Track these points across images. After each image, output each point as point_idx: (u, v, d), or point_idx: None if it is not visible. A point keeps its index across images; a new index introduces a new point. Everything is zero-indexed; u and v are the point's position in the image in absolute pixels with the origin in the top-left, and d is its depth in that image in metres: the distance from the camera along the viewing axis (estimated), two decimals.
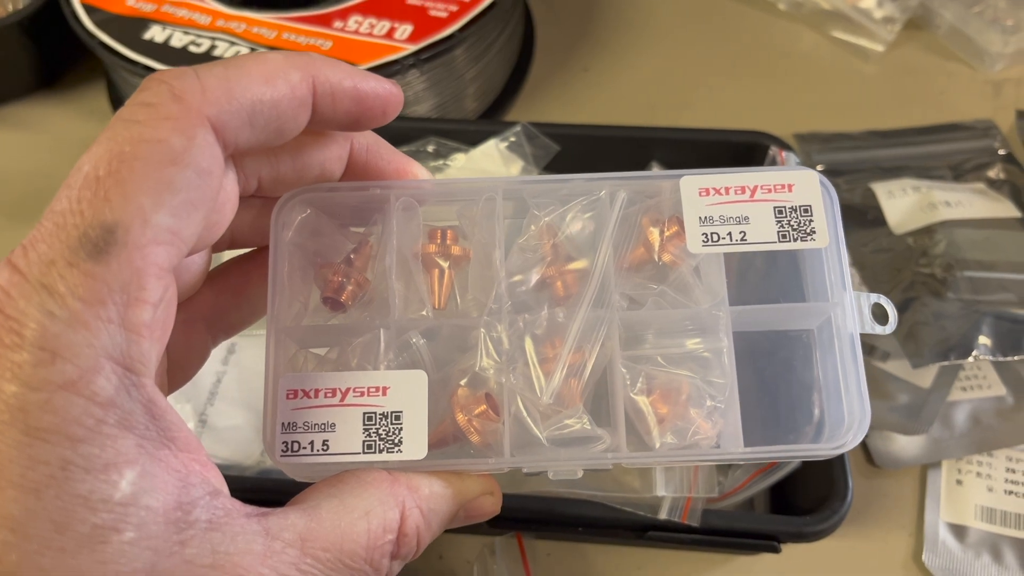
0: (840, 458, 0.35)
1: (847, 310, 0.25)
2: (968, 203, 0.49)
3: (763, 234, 0.25)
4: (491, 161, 0.47)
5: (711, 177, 0.26)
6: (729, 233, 0.25)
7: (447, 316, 0.26)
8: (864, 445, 0.43)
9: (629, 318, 0.26)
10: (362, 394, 0.24)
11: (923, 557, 0.39)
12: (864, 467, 0.42)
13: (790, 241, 0.25)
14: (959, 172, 0.52)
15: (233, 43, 0.49)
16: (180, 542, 0.18)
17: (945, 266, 0.46)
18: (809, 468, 0.36)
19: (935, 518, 0.40)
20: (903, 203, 0.49)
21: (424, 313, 0.26)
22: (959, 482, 0.41)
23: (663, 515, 0.33)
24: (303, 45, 0.49)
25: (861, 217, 0.49)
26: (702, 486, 0.34)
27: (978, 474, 0.41)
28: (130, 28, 0.50)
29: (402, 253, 0.26)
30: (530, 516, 0.35)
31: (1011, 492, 0.41)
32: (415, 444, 0.23)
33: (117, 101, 0.57)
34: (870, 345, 0.45)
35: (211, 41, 0.49)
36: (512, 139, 0.46)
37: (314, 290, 0.26)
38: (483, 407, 0.25)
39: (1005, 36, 0.56)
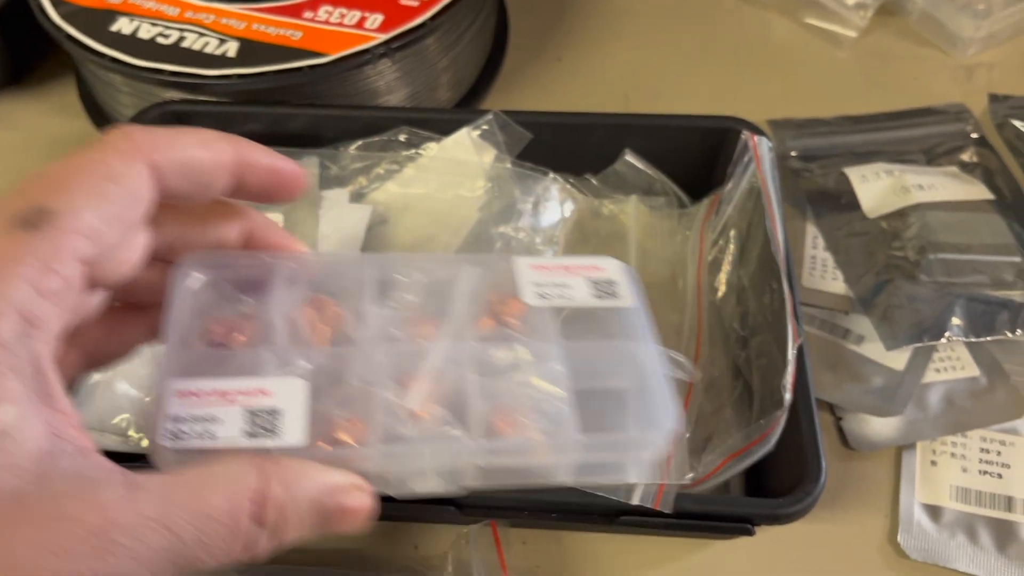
0: (814, 441, 0.35)
1: (652, 351, 0.31)
2: (941, 186, 0.49)
3: (582, 296, 0.32)
4: (463, 150, 0.46)
5: (538, 259, 0.33)
6: (557, 293, 0.32)
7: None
8: (839, 427, 0.43)
9: (482, 349, 0.31)
10: (246, 395, 0.26)
11: (898, 538, 0.39)
12: (839, 450, 0.42)
13: (603, 300, 0.32)
14: (932, 156, 0.52)
15: (202, 34, 0.48)
16: (46, 476, 0.20)
17: (918, 249, 0.46)
18: (783, 452, 0.36)
19: (910, 499, 0.40)
20: (876, 187, 0.49)
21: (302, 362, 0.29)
22: (934, 463, 0.41)
23: (635, 501, 0.33)
24: (273, 36, 0.48)
25: (835, 202, 0.50)
26: (674, 473, 0.34)
27: (952, 455, 0.41)
28: (97, 20, 0.49)
29: (284, 315, 0.30)
30: (503, 504, 0.34)
31: (985, 472, 0.41)
32: (294, 434, 0.25)
33: (87, 96, 0.57)
34: (845, 328, 0.45)
35: (179, 32, 0.49)
36: (484, 127, 0.46)
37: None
38: (352, 418, 0.28)
39: (977, 21, 0.56)
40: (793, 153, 0.52)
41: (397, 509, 0.35)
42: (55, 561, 0.19)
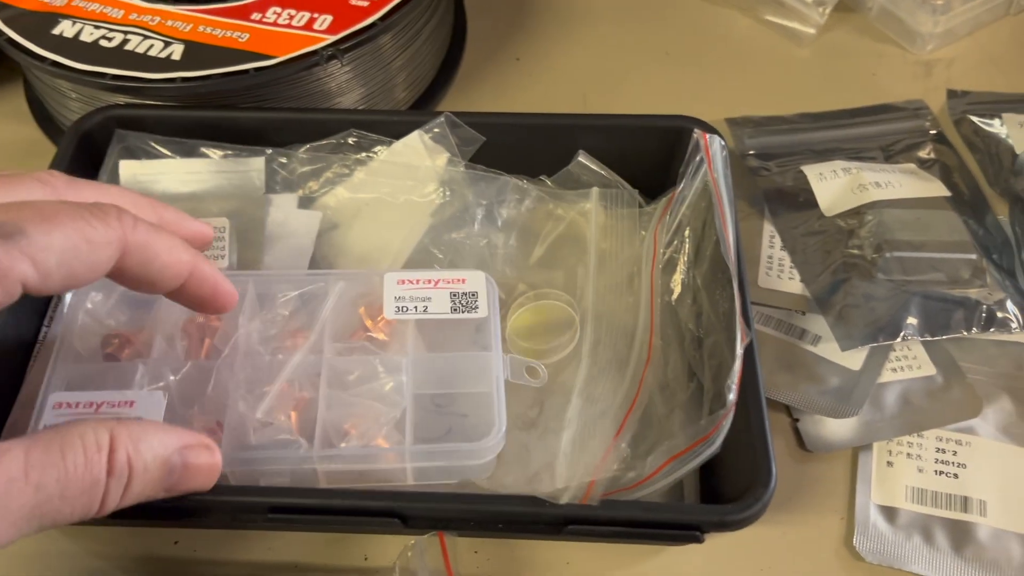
0: (764, 444, 0.34)
1: (496, 361, 0.37)
2: (898, 183, 0.48)
3: (440, 308, 0.38)
4: (415, 153, 0.45)
5: (407, 273, 0.39)
6: (415, 307, 0.38)
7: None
8: (795, 429, 0.42)
9: (335, 362, 0.36)
10: (112, 406, 0.32)
11: (854, 541, 0.39)
12: (795, 452, 0.42)
13: (459, 313, 0.38)
14: (890, 153, 0.52)
15: (146, 37, 0.47)
16: None
17: (875, 247, 0.45)
18: (736, 455, 0.36)
19: (866, 501, 0.40)
20: (834, 185, 0.49)
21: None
22: (890, 464, 0.41)
23: (564, 499, 0.33)
24: (219, 38, 0.47)
25: (792, 200, 0.49)
26: (606, 471, 0.34)
27: (908, 455, 0.41)
28: (39, 24, 0.48)
29: (164, 330, 0.37)
30: (447, 515, 0.34)
31: (941, 472, 0.40)
32: None
33: (35, 102, 0.56)
34: (801, 329, 0.45)
35: (123, 35, 0.48)
36: (436, 130, 0.45)
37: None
38: (209, 425, 0.35)
39: (935, 16, 0.56)
40: (751, 151, 0.52)
41: (342, 522, 0.34)
42: None
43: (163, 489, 0.29)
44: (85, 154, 0.45)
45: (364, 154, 0.45)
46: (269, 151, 0.45)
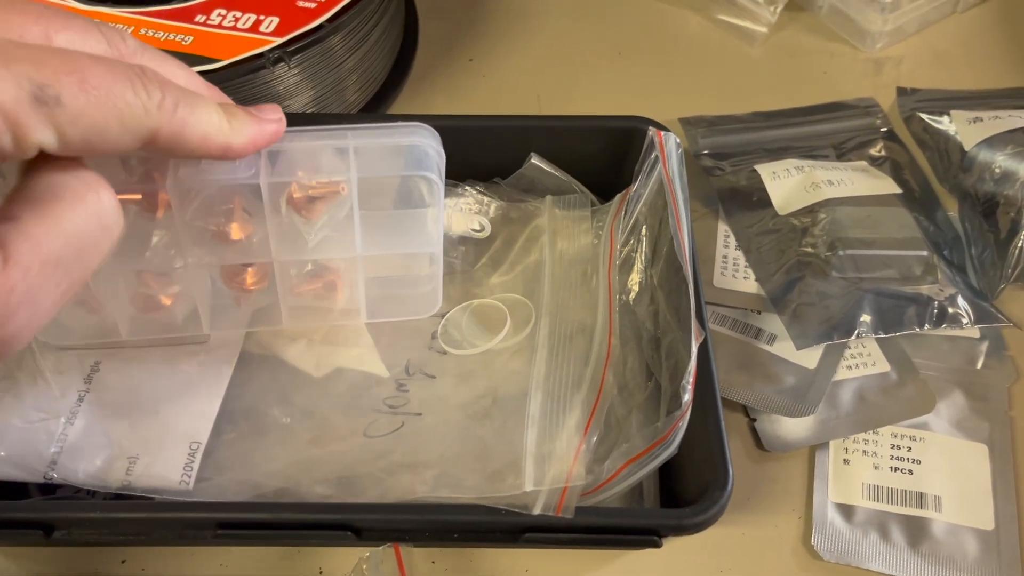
0: (720, 446, 0.34)
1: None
2: (850, 181, 0.49)
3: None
4: None
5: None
6: None
7: None
8: (752, 429, 0.42)
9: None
10: None
11: (812, 540, 0.39)
12: (753, 452, 0.42)
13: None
14: (842, 151, 0.52)
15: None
16: None
17: (828, 245, 0.46)
18: (693, 457, 0.36)
19: (823, 499, 0.40)
20: (787, 184, 0.49)
21: None
22: (846, 461, 0.41)
23: (537, 510, 0.32)
24: (161, 41, 0.46)
25: (746, 199, 0.49)
26: (576, 477, 0.33)
27: (864, 452, 0.41)
28: None
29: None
30: (401, 526, 0.33)
31: (896, 469, 0.41)
32: None
33: None
34: (757, 328, 0.45)
35: None
36: None
37: None
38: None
39: (884, 15, 0.57)
40: (705, 151, 0.52)
41: (294, 536, 0.34)
42: None
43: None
44: None
45: None
46: None
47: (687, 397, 0.34)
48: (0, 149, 0.22)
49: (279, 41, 0.46)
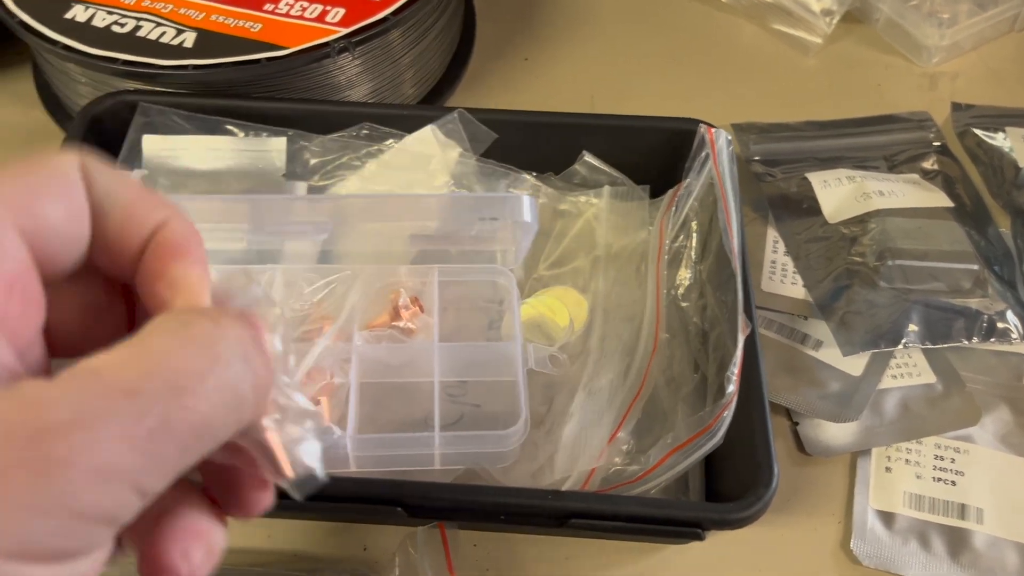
0: (766, 444, 0.35)
1: (519, 350, 0.37)
2: (901, 193, 0.49)
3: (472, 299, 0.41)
4: (427, 147, 0.46)
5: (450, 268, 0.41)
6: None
7: None
8: (795, 432, 0.42)
9: (365, 350, 0.37)
10: None
11: (851, 544, 0.39)
12: (795, 455, 0.42)
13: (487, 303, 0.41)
14: (894, 163, 0.52)
15: (159, 24, 0.48)
16: None
17: (877, 255, 0.46)
18: (737, 454, 0.36)
19: (864, 505, 0.40)
20: (838, 193, 0.49)
21: None
22: (888, 469, 0.41)
23: (566, 487, 0.33)
24: (231, 27, 0.47)
25: (796, 206, 0.49)
26: (607, 461, 0.34)
27: (907, 461, 0.41)
28: (52, 7, 0.48)
29: None
30: (450, 506, 0.34)
31: (939, 479, 0.41)
32: None
33: (43, 86, 0.56)
34: (803, 333, 0.45)
35: (136, 21, 0.48)
36: (449, 125, 0.45)
37: None
38: None
39: (941, 30, 0.57)
40: (756, 157, 0.52)
41: (344, 510, 0.34)
42: None
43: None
44: (94, 138, 0.45)
45: (376, 146, 0.46)
46: (291, 132, 0.44)
47: (732, 387, 0.35)
48: None
49: (344, 32, 0.47)
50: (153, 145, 0.44)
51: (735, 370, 0.35)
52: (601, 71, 0.58)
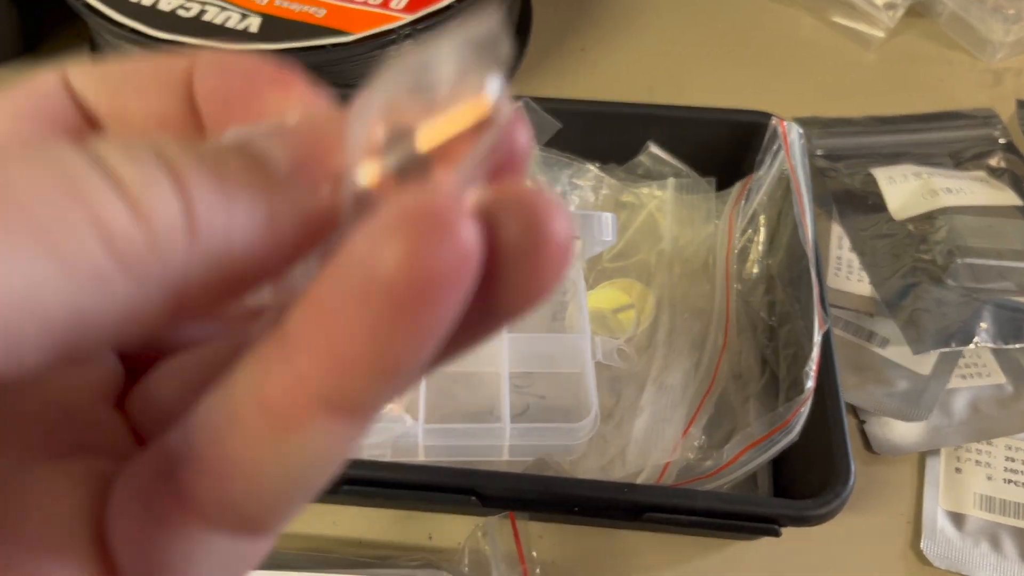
0: (842, 441, 0.34)
1: (587, 342, 0.37)
2: (969, 190, 0.48)
3: None
4: None
5: None
6: None
7: None
8: (862, 431, 0.42)
9: None
10: None
11: (921, 545, 0.39)
12: (862, 453, 0.41)
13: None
14: (959, 160, 0.51)
15: (224, 8, 0.47)
16: None
17: (946, 253, 0.45)
18: (808, 452, 0.36)
19: (934, 506, 0.40)
20: (904, 189, 0.49)
21: None
22: (958, 470, 0.41)
23: (640, 480, 0.33)
24: (296, 12, 0.47)
25: (861, 202, 0.49)
26: (681, 455, 0.34)
27: (977, 462, 0.41)
28: None
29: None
30: (524, 496, 0.34)
31: (1010, 481, 0.40)
32: None
33: None
34: (869, 331, 0.44)
35: (201, 5, 0.48)
36: None
37: None
38: None
39: (1007, 25, 0.56)
40: (819, 152, 0.52)
41: (417, 497, 0.34)
42: None
43: None
44: None
45: None
46: None
47: (810, 384, 0.34)
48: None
49: (409, 18, 0.47)
50: None
51: (813, 366, 0.34)
52: (658, 62, 0.58)
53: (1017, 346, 0.43)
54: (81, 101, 0.15)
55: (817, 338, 0.35)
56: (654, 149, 0.46)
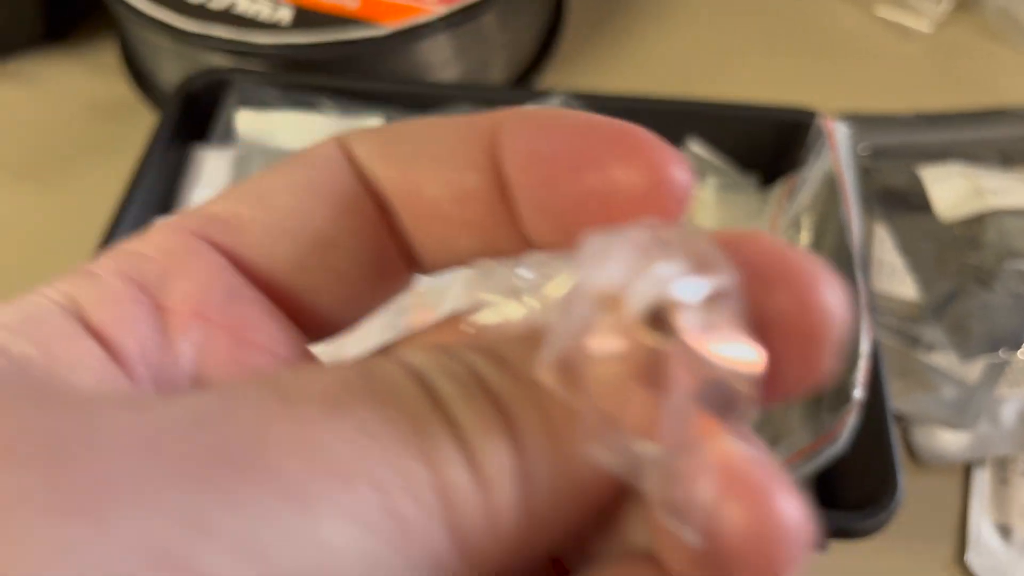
0: (888, 452, 0.33)
1: None
2: (1019, 192, 0.46)
3: None
4: None
5: None
6: None
7: None
8: (906, 440, 0.41)
9: None
10: None
11: (966, 557, 0.37)
12: (906, 462, 0.40)
13: None
14: (1009, 159, 0.50)
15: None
16: None
17: (996, 257, 0.44)
18: (852, 463, 0.34)
19: (980, 517, 0.39)
20: (950, 189, 0.47)
21: None
22: (1005, 481, 0.39)
23: None
24: (328, 4, 0.46)
25: (905, 202, 0.47)
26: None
27: None
28: None
29: None
30: None
31: None
32: None
33: (129, 58, 0.55)
34: (914, 337, 0.43)
35: None
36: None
37: None
38: None
39: None
40: (861, 149, 0.50)
41: None
42: None
43: None
44: (189, 117, 0.44)
45: None
46: (388, 111, 0.43)
47: (858, 393, 0.33)
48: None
49: (443, 11, 0.46)
50: (247, 121, 0.43)
51: (861, 375, 0.33)
52: (696, 55, 0.57)
53: None
54: (367, 176, 0.13)
55: (864, 346, 0.34)
56: (695, 147, 0.45)
